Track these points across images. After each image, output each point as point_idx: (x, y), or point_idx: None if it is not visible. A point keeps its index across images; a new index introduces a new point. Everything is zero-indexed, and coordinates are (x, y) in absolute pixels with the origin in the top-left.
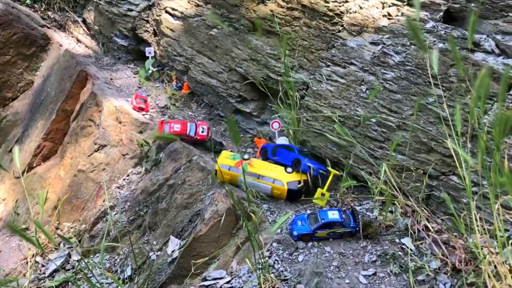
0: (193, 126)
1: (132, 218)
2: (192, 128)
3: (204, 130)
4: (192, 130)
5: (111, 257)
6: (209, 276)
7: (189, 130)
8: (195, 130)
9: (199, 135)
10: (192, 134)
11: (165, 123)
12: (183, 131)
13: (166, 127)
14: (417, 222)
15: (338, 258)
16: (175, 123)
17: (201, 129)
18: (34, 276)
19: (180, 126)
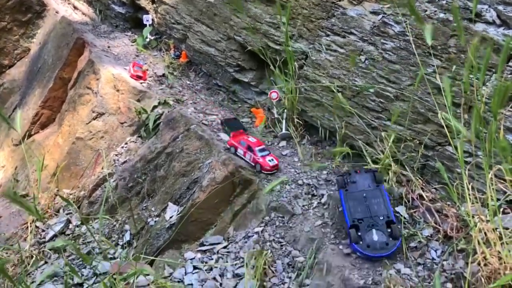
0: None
1: (131, 185)
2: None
3: (273, 160)
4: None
5: (110, 223)
6: (206, 241)
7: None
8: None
9: (269, 165)
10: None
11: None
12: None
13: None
14: (411, 191)
15: (333, 226)
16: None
17: (270, 159)
18: (34, 240)
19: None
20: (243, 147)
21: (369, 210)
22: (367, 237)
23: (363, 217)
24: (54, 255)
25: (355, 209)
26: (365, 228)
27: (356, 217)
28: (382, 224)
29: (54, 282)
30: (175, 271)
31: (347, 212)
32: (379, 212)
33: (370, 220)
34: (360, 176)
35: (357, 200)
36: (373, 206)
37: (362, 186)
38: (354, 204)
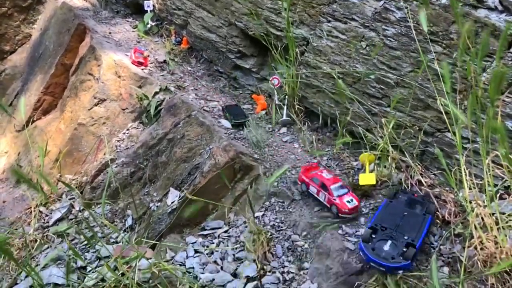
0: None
1: (133, 171)
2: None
3: (352, 201)
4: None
5: (112, 208)
6: (207, 226)
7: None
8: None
9: (347, 207)
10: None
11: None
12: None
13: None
14: (410, 177)
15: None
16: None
17: (348, 199)
18: (38, 225)
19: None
20: (316, 184)
21: (399, 226)
22: (378, 243)
23: (388, 227)
24: (57, 239)
25: (385, 218)
26: (382, 235)
27: (381, 224)
28: (401, 241)
29: (58, 265)
30: (177, 254)
31: (377, 215)
32: (407, 232)
33: (392, 233)
34: (415, 199)
35: (395, 213)
36: (406, 225)
37: (408, 206)
38: (388, 214)
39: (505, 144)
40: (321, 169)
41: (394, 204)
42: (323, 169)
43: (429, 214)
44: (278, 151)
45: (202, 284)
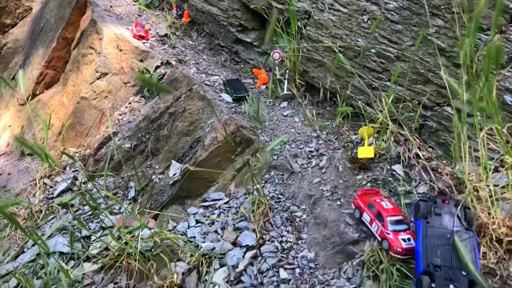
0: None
1: (135, 144)
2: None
3: (409, 240)
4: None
5: (115, 180)
6: (208, 197)
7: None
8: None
9: (401, 246)
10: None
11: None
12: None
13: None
14: (408, 150)
15: (331, 183)
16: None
17: (405, 237)
18: (43, 196)
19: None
20: (372, 212)
21: (451, 258)
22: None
23: (442, 265)
24: (62, 210)
25: (434, 251)
26: (442, 280)
27: (433, 263)
28: (463, 282)
29: (63, 235)
30: (179, 224)
31: (422, 251)
32: (463, 266)
33: (449, 272)
34: (448, 208)
35: (439, 239)
36: (457, 254)
37: (448, 222)
38: (434, 244)
39: (498, 118)
40: (381, 197)
41: (432, 224)
42: (384, 197)
43: (471, 224)
44: (279, 125)
45: (203, 253)
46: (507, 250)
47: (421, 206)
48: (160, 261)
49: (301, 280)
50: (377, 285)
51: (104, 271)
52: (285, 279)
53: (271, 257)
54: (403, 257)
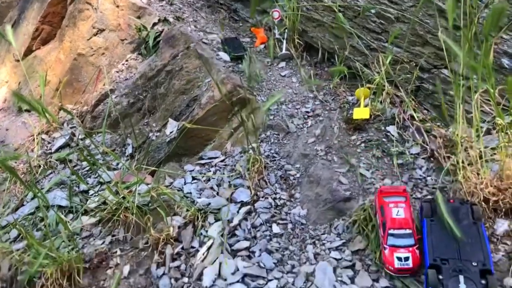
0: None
1: (132, 101)
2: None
3: (407, 260)
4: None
5: (113, 137)
6: (205, 155)
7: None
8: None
9: (392, 265)
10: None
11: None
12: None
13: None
14: (403, 111)
15: (325, 143)
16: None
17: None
18: (41, 151)
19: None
20: (381, 217)
21: (459, 251)
22: (451, 284)
23: (449, 257)
24: (60, 165)
25: (440, 246)
26: (450, 272)
27: (440, 256)
28: (474, 272)
29: (62, 189)
30: (175, 181)
31: (428, 247)
32: (472, 256)
33: (458, 264)
34: (453, 206)
35: (444, 235)
36: (465, 247)
37: (455, 219)
38: (439, 239)
39: (491, 80)
40: (403, 200)
41: (438, 223)
42: (407, 201)
43: (478, 220)
44: (276, 85)
45: (198, 208)
46: (493, 209)
47: (425, 207)
48: (156, 215)
49: (293, 234)
50: (366, 241)
51: (102, 224)
52: (277, 233)
53: (264, 212)
54: (396, 275)
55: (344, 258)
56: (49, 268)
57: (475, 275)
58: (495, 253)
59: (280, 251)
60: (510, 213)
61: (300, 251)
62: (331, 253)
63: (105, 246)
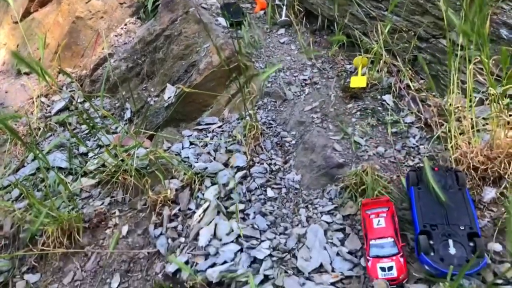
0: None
1: (131, 66)
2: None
3: (390, 270)
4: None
5: (111, 101)
6: (202, 121)
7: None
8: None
9: (376, 275)
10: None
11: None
12: None
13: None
14: (400, 81)
15: (322, 111)
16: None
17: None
18: (40, 114)
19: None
20: (364, 229)
21: (447, 216)
22: (441, 248)
23: (438, 223)
24: (59, 128)
25: (428, 212)
26: (439, 237)
27: (429, 222)
28: (462, 235)
29: (62, 151)
30: (173, 145)
31: (417, 213)
32: (459, 221)
33: (446, 228)
34: (438, 174)
35: (432, 202)
36: (452, 212)
37: (440, 185)
38: (427, 206)
39: (486, 49)
40: (385, 210)
41: (424, 191)
42: (389, 210)
43: (463, 186)
44: (275, 52)
45: (196, 172)
46: (481, 177)
47: (411, 176)
48: (154, 178)
49: (286, 198)
50: (357, 206)
51: (101, 186)
52: (272, 197)
53: (259, 177)
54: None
55: (335, 222)
56: (50, 227)
57: (463, 239)
58: (481, 219)
59: (274, 214)
60: (497, 181)
61: (293, 214)
62: (323, 217)
63: (104, 207)
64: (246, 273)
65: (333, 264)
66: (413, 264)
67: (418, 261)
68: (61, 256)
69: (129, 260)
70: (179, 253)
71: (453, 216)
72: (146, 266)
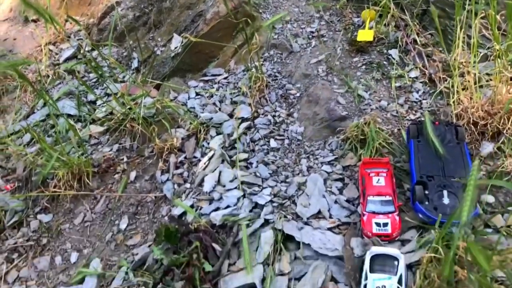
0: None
1: (138, 15)
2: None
3: (385, 226)
4: None
5: (119, 50)
6: (208, 72)
7: None
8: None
9: (370, 231)
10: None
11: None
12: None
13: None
14: (407, 35)
15: (327, 64)
16: None
17: (381, 221)
18: (49, 62)
19: None
20: (362, 186)
21: (443, 169)
22: (436, 198)
23: (435, 174)
24: (68, 76)
25: (425, 164)
26: (435, 187)
27: (426, 173)
28: (457, 187)
29: (70, 99)
30: (179, 95)
31: (415, 165)
32: (455, 173)
33: (442, 180)
34: (438, 128)
35: (430, 154)
36: (449, 164)
37: (439, 139)
38: (425, 158)
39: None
40: (384, 170)
41: (424, 143)
42: (388, 171)
43: (462, 140)
44: (282, 3)
45: (201, 122)
46: (480, 132)
47: (411, 129)
48: (161, 126)
49: (289, 149)
50: (358, 158)
51: (109, 133)
52: (275, 147)
53: (263, 128)
54: (374, 240)
55: (335, 172)
56: (60, 170)
57: (458, 190)
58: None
59: (276, 163)
60: (496, 136)
61: (294, 164)
62: (323, 167)
63: (112, 153)
64: (247, 217)
65: (331, 211)
66: (407, 213)
67: (412, 210)
68: (72, 199)
69: (137, 203)
70: (185, 197)
71: (450, 169)
72: (153, 209)
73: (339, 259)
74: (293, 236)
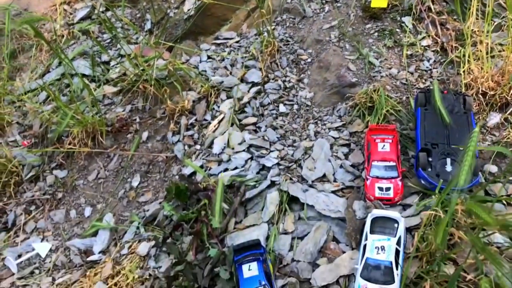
0: None
1: None
2: None
3: (388, 190)
4: None
5: (132, 11)
6: (221, 35)
7: None
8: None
9: (372, 194)
10: None
11: None
12: None
13: None
14: (421, 2)
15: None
16: None
17: (384, 186)
18: (63, 22)
19: None
20: (367, 151)
21: (448, 137)
22: (439, 165)
23: (439, 142)
24: (82, 36)
25: (431, 132)
26: (438, 155)
27: (430, 141)
28: (460, 155)
29: (85, 59)
30: (191, 58)
31: (420, 132)
32: (460, 142)
33: (446, 148)
34: (446, 97)
35: (436, 122)
36: (455, 133)
37: (446, 107)
38: (431, 126)
39: None
40: (390, 137)
41: (431, 111)
42: (394, 138)
43: (469, 110)
44: None
45: (212, 85)
46: (488, 103)
47: (419, 97)
48: (173, 88)
49: (297, 114)
50: (365, 124)
51: (122, 94)
52: (284, 112)
53: (273, 93)
54: (376, 203)
55: (341, 137)
56: (75, 128)
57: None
58: (482, 142)
59: (284, 128)
60: (504, 107)
61: (302, 129)
62: (330, 132)
63: (125, 113)
64: (254, 178)
65: (336, 175)
66: (411, 179)
67: (415, 177)
68: (86, 156)
69: (149, 162)
70: (195, 158)
71: (455, 137)
72: (164, 168)
73: (341, 220)
74: (298, 198)
